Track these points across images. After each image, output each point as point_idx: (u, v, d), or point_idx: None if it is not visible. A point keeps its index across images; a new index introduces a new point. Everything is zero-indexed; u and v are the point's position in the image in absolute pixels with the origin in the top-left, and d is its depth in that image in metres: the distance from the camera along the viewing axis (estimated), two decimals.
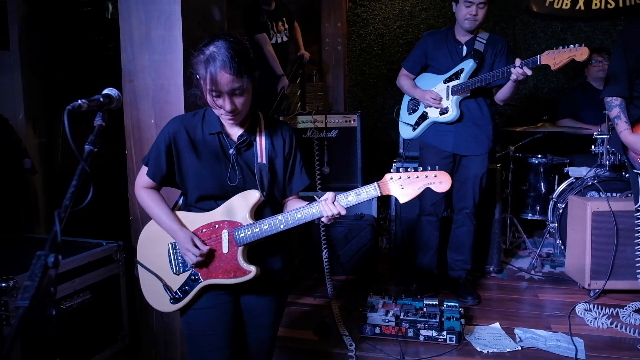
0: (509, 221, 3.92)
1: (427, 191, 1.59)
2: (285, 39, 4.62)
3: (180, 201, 1.77)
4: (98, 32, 3.98)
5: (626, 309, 2.76)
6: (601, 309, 2.81)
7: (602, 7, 4.68)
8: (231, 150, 1.65)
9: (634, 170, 2.56)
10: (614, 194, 3.25)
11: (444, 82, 2.92)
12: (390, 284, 3.38)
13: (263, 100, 4.54)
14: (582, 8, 4.71)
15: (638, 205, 2.61)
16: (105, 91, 1.44)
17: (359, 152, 3.61)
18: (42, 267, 0.92)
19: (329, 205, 1.58)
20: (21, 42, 3.60)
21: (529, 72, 2.59)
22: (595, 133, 3.51)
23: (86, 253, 2.34)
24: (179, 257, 1.70)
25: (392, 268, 3.52)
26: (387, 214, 3.84)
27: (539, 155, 4.06)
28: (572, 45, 2.50)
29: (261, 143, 1.70)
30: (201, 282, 1.66)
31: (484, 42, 2.90)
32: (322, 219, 1.61)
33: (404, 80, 3.12)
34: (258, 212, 1.66)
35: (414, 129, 3.07)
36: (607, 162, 3.41)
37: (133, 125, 2.38)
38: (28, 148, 3.39)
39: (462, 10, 2.82)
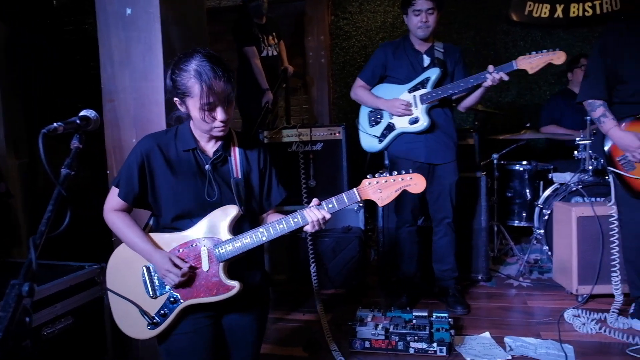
0: (496, 229, 3.95)
1: (404, 201, 1.63)
2: (275, 53, 4.67)
3: (151, 222, 1.75)
4: (79, 51, 3.97)
5: (612, 314, 2.78)
6: (589, 314, 2.82)
7: (580, 14, 4.77)
8: (207, 166, 1.66)
9: (609, 168, 2.63)
10: (597, 199, 3.29)
11: (409, 92, 2.93)
12: (380, 296, 3.37)
13: (248, 114, 4.56)
14: (561, 16, 4.80)
15: (612, 202, 2.67)
16: (83, 113, 1.43)
17: (345, 165, 3.62)
18: (15, 297, 0.90)
19: (313, 211, 1.60)
20: (0, 63, 3.57)
21: (506, 78, 2.66)
22: (577, 139, 3.55)
23: (67, 277, 2.29)
24: (155, 280, 1.67)
25: (381, 280, 3.51)
26: (374, 225, 3.84)
27: (524, 162, 4.11)
28: (548, 50, 2.57)
29: (236, 158, 1.71)
30: (181, 303, 1.64)
31: (442, 51, 2.97)
32: (307, 227, 1.63)
33: (361, 91, 3.10)
34: (237, 227, 1.66)
35: (381, 141, 3.05)
36: (590, 167, 3.45)
37: (114, 145, 2.37)
38: (9, 170, 3.35)
39: (413, 20, 2.88)
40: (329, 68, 5.53)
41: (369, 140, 3.10)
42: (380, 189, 1.63)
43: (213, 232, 1.63)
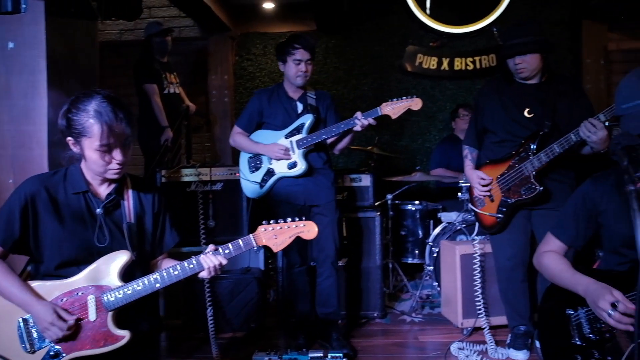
0: (391, 266, 4.14)
1: (293, 244, 1.70)
2: (177, 90, 4.65)
3: (30, 269, 1.65)
4: None
5: (491, 345, 3.00)
6: (473, 346, 3.03)
7: (463, 68, 5.27)
8: (98, 210, 1.62)
9: (469, 205, 3.01)
10: (479, 237, 3.58)
11: (286, 137, 3.04)
12: (279, 337, 3.36)
13: (149, 151, 4.45)
14: (447, 68, 5.27)
15: (474, 234, 3.02)
16: None
17: (245, 205, 3.62)
18: None
19: (209, 257, 1.61)
20: None
21: (373, 122, 2.89)
22: (461, 181, 3.87)
23: None
24: (34, 332, 1.56)
25: (280, 321, 3.51)
26: (275, 265, 3.86)
27: (416, 202, 4.38)
28: (407, 97, 2.86)
29: (129, 202, 1.68)
30: (63, 357, 1.54)
31: (314, 97, 3.14)
32: (202, 274, 1.63)
33: (239, 138, 3.16)
34: (128, 273, 1.61)
35: (262, 186, 3.10)
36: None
37: None
38: None
39: (292, 69, 3.01)
40: (232, 107, 5.58)
41: (251, 186, 3.15)
42: (276, 235, 1.69)
43: (102, 280, 1.57)
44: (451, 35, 5.24)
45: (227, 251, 1.66)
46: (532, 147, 2.68)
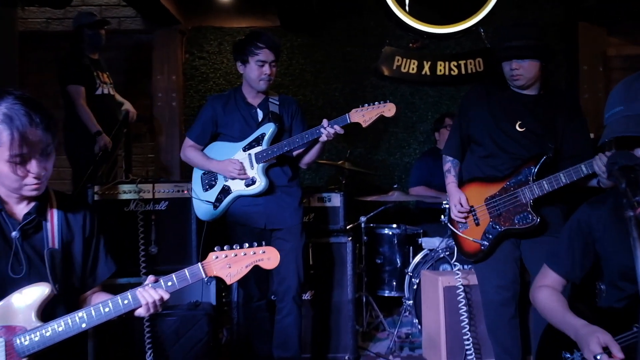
0: (364, 300, 4.13)
1: (251, 274, 1.67)
2: (111, 92, 4.57)
3: None
4: None
5: None
6: None
7: (447, 73, 5.39)
8: (14, 233, 1.57)
9: (448, 224, 3.05)
10: (465, 266, 3.61)
11: (244, 150, 3.04)
12: None
13: (77, 163, 4.34)
14: (428, 73, 5.38)
15: (454, 259, 3.14)
16: None
17: (194, 228, 3.55)
18: None
19: (148, 291, 1.56)
20: None
21: (341, 131, 2.88)
22: (444, 202, 3.91)
23: None
24: None
25: None
26: (229, 299, 3.79)
27: (393, 226, 4.39)
28: (378, 102, 2.88)
29: (53, 224, 1.63)
30: None
31: (277, 103, 3.14)
32: (139, 311, 1.57)
33: (191, 152, 3.16)
34: (48, 311, 1.55)
35: (216, 207, 3.09)
36: None
37: None
38: None
39: (255, 71, 3.00)
40: (181, 113, 5.52)
41: (204, 207, 3.13)
42: (230, 264, 1.64)
43: (14, 319, 1.50)
44: (433, 36, 5.39)
45: (170, 283, 1.61)
46: (532, 170, 2.71)
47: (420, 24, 5.30)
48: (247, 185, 2.99)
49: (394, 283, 4.35)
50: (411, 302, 3.80)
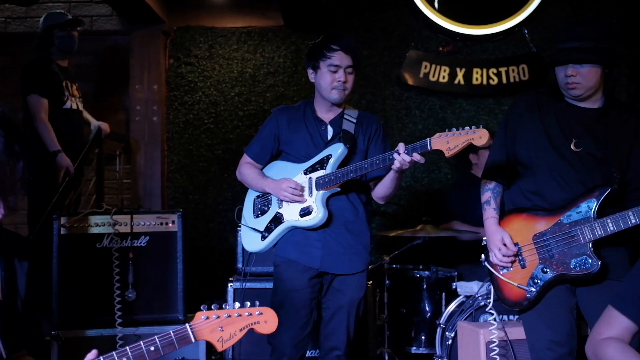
0: (386, 358, 4.09)
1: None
2: (80, 107, 4.60)
3: None
4: None
5: None
6: None
7: (484, 82, 5.42)
8: None
9: (485, 263, 2.99)
10: (511, 317, 3.58)
11: (305, 173, 3.02)
12: None
13: (34, 191, 4.31)
14: (462, 82, 5.41)
15: (489, 307, 3.12)
16: None
17: (181, 268, 3.57)
18: None
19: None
20: None
21: (421, 160, 2.75)
22: (484, 238, 3.89)
23: None
24: None
25: None
26: (220, 355, 3.78)
27: (421, 267, 4.37)
28: (467, 127, 2.80)
29: None
30: None
31: (354, 121, 3.10)
32: None
33: (247, 169, 3.18)
34: None
35: (264, 237, 3.08)
36: None
37: None
38: None
39: (327, 78, 3.00)
40: (163, 129, 5.54)
41: (250, 236, 3.13)
42: (222, 326, 1.66)
43: None
44: (468, 38, 5.42)
45: (152, 349, 1.59)
46: (594, 205, 2.66)
47: (453, 24, 5.34)
48: (302, 215, 2.95)
49: (423, 337, 4.31)
50: None
